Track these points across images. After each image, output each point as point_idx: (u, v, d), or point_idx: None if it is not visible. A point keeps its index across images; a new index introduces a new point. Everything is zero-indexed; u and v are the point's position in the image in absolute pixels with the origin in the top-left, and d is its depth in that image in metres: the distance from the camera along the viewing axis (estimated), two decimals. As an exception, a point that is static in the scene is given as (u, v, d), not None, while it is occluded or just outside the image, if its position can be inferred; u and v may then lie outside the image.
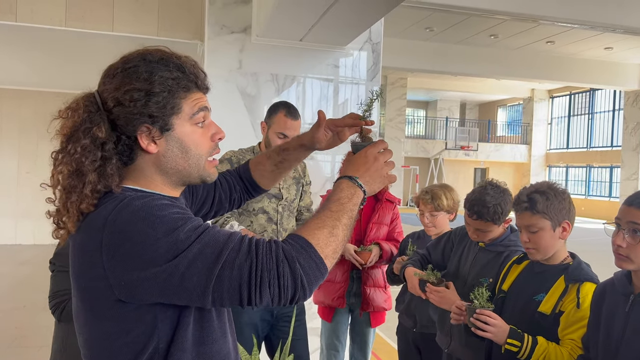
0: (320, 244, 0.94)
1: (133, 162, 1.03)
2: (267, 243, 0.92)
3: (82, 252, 0.95)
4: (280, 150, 1.40)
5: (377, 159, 1.11)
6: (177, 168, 1.04)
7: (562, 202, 1.79)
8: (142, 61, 1.00)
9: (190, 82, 1.02)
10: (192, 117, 1.03)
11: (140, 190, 1.02)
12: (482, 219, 2.12)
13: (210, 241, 0.90)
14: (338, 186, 1.06)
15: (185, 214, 0.95)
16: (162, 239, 0.88)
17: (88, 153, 0.97)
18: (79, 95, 1.03)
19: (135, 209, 0.91)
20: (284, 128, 2.39)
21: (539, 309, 1.76)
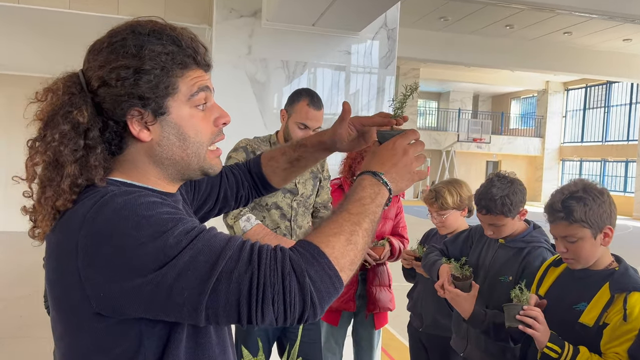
0: (335, 254, 0.79)
1: (122, 152, 0.89)
2: (271, 251, 0.78)
3: (57, 255, 0.82)
4: (297, 146, 1.24)
5: (406, 152, 0.95)
6: (173, 158, 0.89)
7: (602, 206, 1.60)
8: (130, 34, 0.86)
9: (187, 57, 0.87)
10: (190, 98, 0.88)
11: (128, 183, 0.89)
12: (491, 213, 1.98)
13: (205, 247, 0.76)
14: (359, 183, 0.91)
15: (177, 214, 0.80)
16: (147, 244, 0.74)
17: (68, 141, 0.83)
18: (61, 75, 0.90)
19: (118, 206, 0.77)
20: (305, 118, 2.23)
21: (581, 319, 1.59)
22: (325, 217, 0.88)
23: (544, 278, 1.83)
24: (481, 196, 2.01)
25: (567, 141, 23.97)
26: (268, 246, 0.79)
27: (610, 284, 1.58)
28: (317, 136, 1.21)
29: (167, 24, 0.90)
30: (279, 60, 3.46)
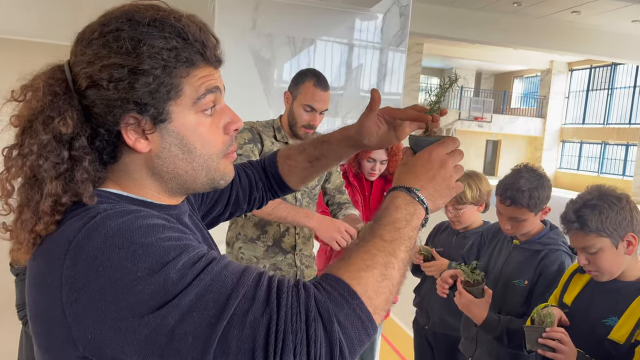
0: (368, 293, 0.66)
1: (117, 161, 0.75)
2: (293, 289, 0.64)
3: (38, 287, 0.68)
4: (318, 142, 1.09)
5: (444, 163, 0.82)
6: (176, 172, 0.76)
7: (621, 212, 1.49)
8: (126, 23, 0.70)
9: (194, 53, 0.73)
10: (197, 102, 0.74)
11: (124, 196, 0.75)
12: (517, 205, 1.85)
13: (214, 284, 0.63)
14: (392, 202, 0.78)
15: (181, 240, 0.67)
16: (145, 278, 0.61)
17: (48, 153, 0.69)
18: (43, 69, 0.75)
19: (110, 232, 0.64)
20: (311, 100, 2.09)
21: (610, 336, 1.47)
22: (354, 244, 0.73)
23: (569, 285, 1.70)
24: (507, 186, 1.88)
25: (568, 122, 23.79)
26: (288, 282, 0.66)
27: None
28: (341, 131, 1.06)
29: (171, 10, 0.74)
30: (284, 36, 3.27)
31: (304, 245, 2.21)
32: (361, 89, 3.53)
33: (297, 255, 2.19)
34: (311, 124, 2.13)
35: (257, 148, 2.12)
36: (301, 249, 2.20)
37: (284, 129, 2.19)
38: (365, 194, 2.65)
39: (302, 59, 3.35)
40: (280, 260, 2.16)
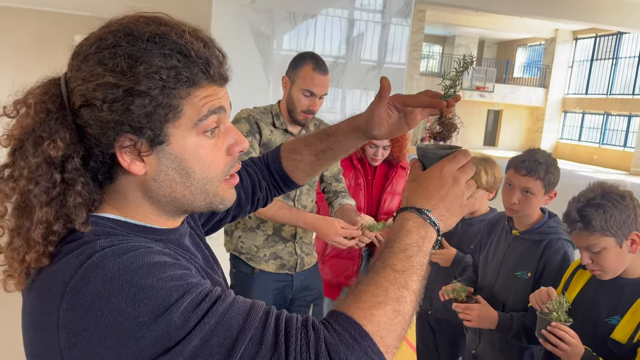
0: (380, 332, 0.62)
1: (113, 182, 0.71)
2: (302, 330, 0.61)
3: (34, 326, 0.64)
4: (324, 135, 1.02)
5: (457, 180, 0.78)
6: (173, 196, 0.72)
7: (625, 211, 1.46)
8: (124, 38, 0.65)
9: (197, 72, 0.67)
10: (198, 123, 0.69)
11: (121, 221, 0.70)
12: (532, 175, 1.84)
13: (219, 327, 0.59)
14: (403, 225, 0.74)
15: (184, 278, 0.62)
16: (147, 324, 0.57)
17: (39, 177, 0.65)
18: (39, 83, 0.70)
19: (109, 274, 0.60)
20: (310, 84, 2.02)
21: (613, 335, 1.46)
22: (364, 278, 0.69)
23: (571, 282, 1.68)
24: (524, 157, 1.89)
25: (571, 92, 23.55)
26: (297, 322, 0.62)
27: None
28: (349, 122, 1.00)
29: (175, 24, 0.68)
30: (285, 11, 3.16)
31: (304, 233, 2.18)
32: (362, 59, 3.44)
33: (297, 244, 2.16)
34: (311, 109, 2.07)
35: (256, 139, 2.06)
36: (301, 237, 2.17)
37: (283, 115, 2.13)
38: (368, 178, 2.60)
39: (301, 35, 3.24)
40: (280, 248, 2.13)
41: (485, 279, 2.04)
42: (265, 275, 2.12)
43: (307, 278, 2.22)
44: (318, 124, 2.29)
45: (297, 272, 2.17)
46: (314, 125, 2.27)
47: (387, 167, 2.63)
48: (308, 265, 2.22)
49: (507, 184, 1.93)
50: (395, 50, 3.45)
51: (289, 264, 2.15)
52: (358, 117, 0.98)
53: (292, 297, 2.21)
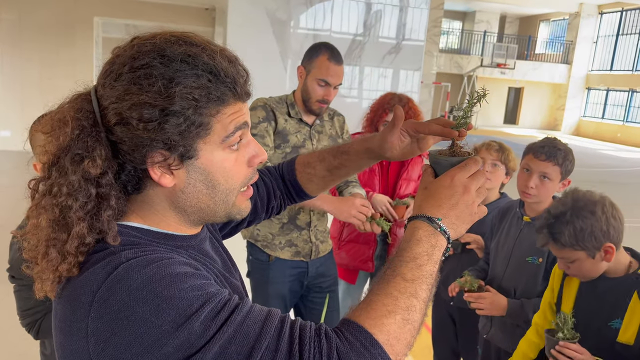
0: (390, 340, 0.66)
1: (140, 192, 0.75)
2: (315, 339, 0.65)
3: (64, 332, 0.69)
4: (338, 152, 1.07)
5: (467, 188, 0.80)
6: (198, 206, 0.77)
7: (596, 224, 1.46)
8: (157, 59, 0.69)
9: (226, 90, 0.71)
10: (225, 140, 0.73)
11: (145, 229, 0.75)
12: (552, 160, 1.88)
13: (237, 335, 0.64)
14: (413, 234, 0.77)
15: (204, 287, 0.67)
16: (170, 333, 0.62)
17: (77, 194, 0.69)
18: (68, 98, 0.73)
19: (134, 285, 0.64)
20: (326, 74, 2.06)
21: (619, 339, 1.48)
22: (375, 287, 0.73)
23: (563, 292, 1.69)
24: (544, 143, 1.93)
25: (595, 69, 22.97)
26: (310, 330, 0.67)
27: (638, 292, 1.47)
28: (363, 142, 1.03)
29: (204, 44, 0.72)
30: (301, -4, 3.16)
31: (319, 222, 2.22)
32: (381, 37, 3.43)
33: (312, 232, 2.21)
34: (325, 98, 2.10)
35: (272, 126, 2.10)
36: (316, 225, 2.22)
37: (298, 105, 2.17)
38: (383, 164, 2.61)
39: (318, 18, 3.24)
40: (295, 236, 2.18)
41: (496, 265, 2.07)
42: (280, 262, 2.17)
43: (322, 265, 2.27)
44: (332, 114, 2.32)
45: (312, 260, 2.22)
46: (328, 115, 2.30)
47: None
48: (323, 252, 2.26)
49: (525, 169, 1.95)
50: (413, 29, 3.43)
51: (303, 251, 2.20)
52: (372, 139, 1.01)
53: (307, 283, 2.26)
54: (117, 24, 11.43)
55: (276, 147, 2.12)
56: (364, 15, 3.34)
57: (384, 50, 3.42)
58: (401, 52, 3.40)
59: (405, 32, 3.42)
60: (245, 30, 3.02)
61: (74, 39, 9.28)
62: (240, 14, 3.06)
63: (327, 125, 2.27)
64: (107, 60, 0.72)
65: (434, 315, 2.63)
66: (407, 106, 2.50)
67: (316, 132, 2.21)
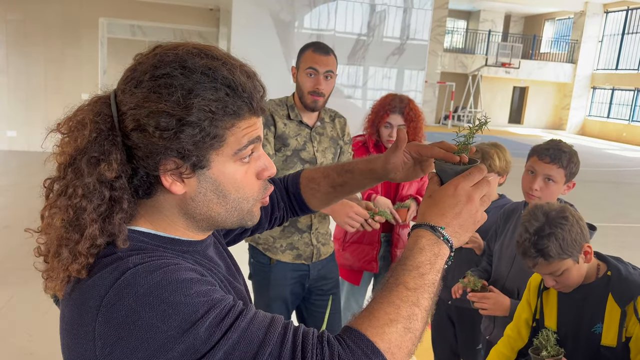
0: (392, 349, 0.67)
1: (151, 197, 0.76)
2: (317, 346, 0.66)
3: (72, 335, 0.70)
4: (342, 170, 1.08)
5: (471, 197, 0.81)
6: (209, 214, 0.78)
7: (572, 229, 1.51)
8: (178, 69, 0.70)
9: (242, 104, 0.72)
10: (237, 152, 0.74)
11: (152, 234, 0.76)
12: (556, 163, 1.88)
13: (241, 340, 0.65)
14: (416, 242, 0.77)
15: (209, 293, 0.68)
16: (175, 338, 0.63)
17: (92, 195, 0.70)
18: (88, 101, 0.75)
19: (141, 291, 0.65)
20: (312, 62, 2.08)
21: (602, 342, 1.52)
22: (378, 295, 0.74)
23: (544, 307, 1.71)
24: (548, 145, 1.93)
25: (600, 68, 22.89)
26: (313, 337, 0.68)
27: (612, 295, 1.51)
28: (367, 163, 1.05)
29: (225, 58, 0.73)
30: (305, -2, 3.17)
31: (320, 224, 2.23)
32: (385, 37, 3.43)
33: (313, 234, 2.21)
34: (317, 88, 2.09)
35: (271, 132, 2.12)
36: (317, 228, 2.22)
37: (297, 106, 2.18)
38: (385, 165, 2.61)
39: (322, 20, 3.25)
40: (296, 239, 2.18)
41: (500, 266, 2.08)
42: (282, 265, 2.18)
43: (324, 267, 2.27)
44: (333, 116, 2.32)
45: (313, 262, 2.22)
46: (329, 117, 2.30)
47: None
48: (324, 255, 2.27)
49: (530, 171, 1.96)
50: (417, 30, 3.43)
51: (305, 254, 2.20)
52: (376, 159, 1.02)
53: (309, 286, 2.26)
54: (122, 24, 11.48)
55: (277, 151, 2.13)
56: (367, 16, 3.35)
57: (388, 51, 3.42)
58: (405, 53, 3.40)
59: (409, 33, 3.42)
60: (249, 31, 3.03)
61: (79, 40, 9.32)
62: (245, 14, 3.07)
63: (328, 127, 2.27)
64: (129, 67, 0.74)
65: (433, 317, 2.63)
66: (408, 107, 2.50)
67: (317, 135, 2.22)
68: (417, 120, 2.55)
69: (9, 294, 3.83)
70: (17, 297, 3.78)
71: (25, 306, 3.64)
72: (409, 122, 2.51)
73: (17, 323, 3.42)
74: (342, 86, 3.38)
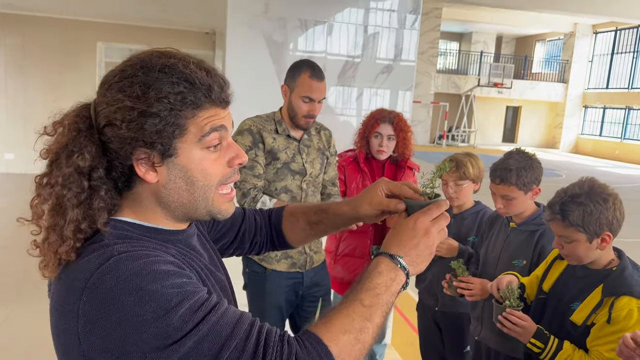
0: (342, 355, 0.76)
1: (131, 190, 0.85)
2: (278, 344, 0.75)
3: (59, 311, 0.78)
4: (319, 209, 1.16)
5: (428, 232, 0.90)
6: (180, 201, 0.85)
7: (604, 212, 1.57)
8: (140, 70, 0.79)
9: (201, 96, 0.81)
10: (201, 139, 0.82)
11: (137, 224, 0.85)
12: (505, 183, 1.99)
13: (210, 333, 0.73)
14: (376, 267, 0.86)
15: (185, 285, 0.75)
16: (150, 321, 0.71)
17: (71, 184, 0.79)
18: (73, 107, 0.85)
19: (122, 276, 0.73)
20: (309, 91, 2.17)
21: (571, 317, 1.63)
22: (337, 305, 0.83)
23: (549, 272, 1.83)
24: (497, 166, 2.04)
25: (591, 87, 23.24)
26: (275, 335, 0.76)
27: (603, 286, 1.60)
28: (341, 203, 1.13)
29: (182, 57, 0.82)
30: (296, 19, 3.29)
31: None
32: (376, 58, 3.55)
33: None
34: (311, 113, 2.21)
35: (260, 149, 2.20)
36: None
37: (285, 121, 2.27)
38: (375, 179, 2.69)
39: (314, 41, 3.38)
40: None
41: (485, 269, 2.17)
42: (276, 274, 2.25)
43: (317, 275, 2.35)
44: (319, 128, 2.42)
45: (307, 270, 2.30)
46: (315, 129, 2.40)
47: (395, 167, 2.72)
48: (317, 262, 2.35)
49: (491, 191, 2.08)
50: (404, 50, 3.56)
51: (299, 262, 2.28)
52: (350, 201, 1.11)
53: (302, 293, 2.33)
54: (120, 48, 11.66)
55: (267, 165, 2.22)
56: (357, 37, 3.47)
57: (377, 71, 3.54)
58: (393, 73, 3.52)
59: (396, 53, 3.55)
60: (243, 52, 3.15)
61: (78, 64, 9.47)
62: (239, 37, 3.18)
63: (314, 139, 2.37)
64: (105, 74, 0.84)
65: (419, 322, 2.69)
66: (397, 117, 2.61)
67: (305, 147, 2.31)
68: (407, 130, 2.65)
69: (7, 311, 3.88)
70: (14, 314, 3.82)
71: (22, 323, 3.68)
72: (398, 131, 2.60)
73: (15, 340, 3.45)
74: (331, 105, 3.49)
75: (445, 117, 21.50)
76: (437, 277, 2.53)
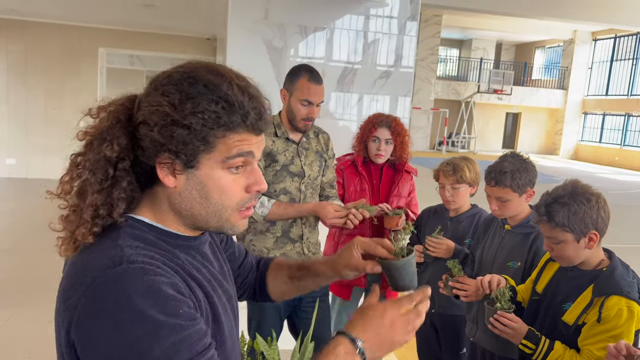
0: None
1: (151, 188, 0.88)
2: None
3: (61, 300, 0.81)
4: (302, 266, 1.18)
5: (394, 324, 0.90)
6: (191, 212, 0.87)
7: (588, 212, 1.61)
8: (186, 80, 0.82)
9: (236, 119, 0.82)
10: (226, 160, 0.83)
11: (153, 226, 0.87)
12: (500, 185, 2.03)
13: None
14: (334, 347, 0.87)
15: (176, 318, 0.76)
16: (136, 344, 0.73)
17: (97, 170, 0.83)
18: (121, 96, 0.89)
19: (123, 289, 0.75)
20: (307, 95, 2.22)
21: (563, 317, 1.67)
22: None
23: (542, 273, 1.87)
24: (492, 169, 2.07)
25: (590, 94, 23.31)
26: None
27: (594, 286, 1.63)
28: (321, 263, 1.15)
29: (231, 77, 0.84)
30: (296, 25, 3.33)
31: (310, 234, 2.35)
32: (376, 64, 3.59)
33: (304, 244, 2.33)
34: (310, 116, 2.26)
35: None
36: (308, 238, 2.34)
37: (284, 125, 2.31)
38: (373, 182, 2.72)
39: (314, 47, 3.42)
40: (289, 249, 2.30)
41: (482, 269, 2.19)
42: None
43: (314, 276, 2.38)
44: (317, 132, 2.46)
45: None
46: (314, 132, 2.44)
47: (393, 171, 2.75)
48: None
49: (486, 193, 2.11)
50: (403, 56, 3.59)
51: None
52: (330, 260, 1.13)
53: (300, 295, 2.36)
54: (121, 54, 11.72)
55: (266, 167, 2.26)
56: (356, 43, 3.52)
57: (375, 76, 3.58)
58: (391, 78, 3.57)
59: (395, 59, 3.59)
60: (244, 58, 3.19)
61: (79, 70, 9.53)
62: (239, 43, 3.23)
63: (313, 142, 2.41)
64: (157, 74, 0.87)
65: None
66: (395, 122, 2.65)
67: (303, 149, 2.35)
68: (404, 134, 2.69)
69: (8, 313, 3.90)
70: (16, 317, 3.84)
71: (24, 326, 3.70)
72: (395, 135, 2.64)
73: (16, 342, 3.48)
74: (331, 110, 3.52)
75: (445, 123, 21.56)
76: (433, 278, 2.55)
